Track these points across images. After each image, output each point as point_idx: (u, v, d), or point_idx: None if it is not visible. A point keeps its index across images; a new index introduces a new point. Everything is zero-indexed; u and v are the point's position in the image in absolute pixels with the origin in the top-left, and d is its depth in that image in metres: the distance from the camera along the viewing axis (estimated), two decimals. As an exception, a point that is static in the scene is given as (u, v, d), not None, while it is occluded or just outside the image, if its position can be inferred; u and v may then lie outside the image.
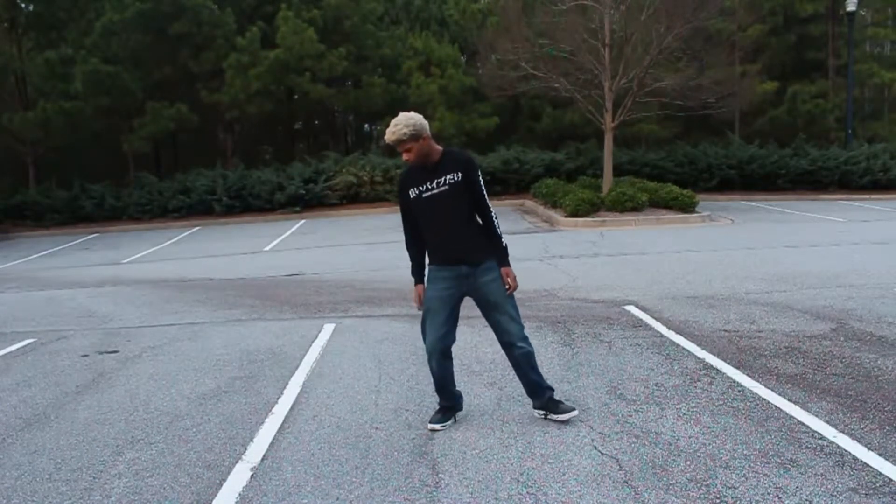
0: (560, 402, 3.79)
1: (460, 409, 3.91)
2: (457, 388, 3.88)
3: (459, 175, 3.53)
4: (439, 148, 3.61)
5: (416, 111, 3.58)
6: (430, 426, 3.74)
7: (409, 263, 3.78)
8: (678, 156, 20.70)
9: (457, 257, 3.59)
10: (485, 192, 3.61)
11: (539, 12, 17.73)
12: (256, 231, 17.09)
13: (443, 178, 3.53)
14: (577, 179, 18.74)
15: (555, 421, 3.74)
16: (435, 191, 3.54)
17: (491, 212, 3.62)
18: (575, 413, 3.73)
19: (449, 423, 3.79)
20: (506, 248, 3.63)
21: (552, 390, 3.82)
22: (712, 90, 16.19)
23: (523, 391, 4.23)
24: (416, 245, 3.73)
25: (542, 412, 3.80)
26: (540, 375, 3.78)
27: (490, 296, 3.60)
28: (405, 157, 3.51)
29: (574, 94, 16.48)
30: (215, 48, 21.31)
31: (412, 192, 3.57)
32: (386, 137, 3.50)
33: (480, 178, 3.61)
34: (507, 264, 3.62)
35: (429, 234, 3.65)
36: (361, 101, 23.21)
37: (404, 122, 3.44)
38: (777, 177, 20.16)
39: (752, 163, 20.24)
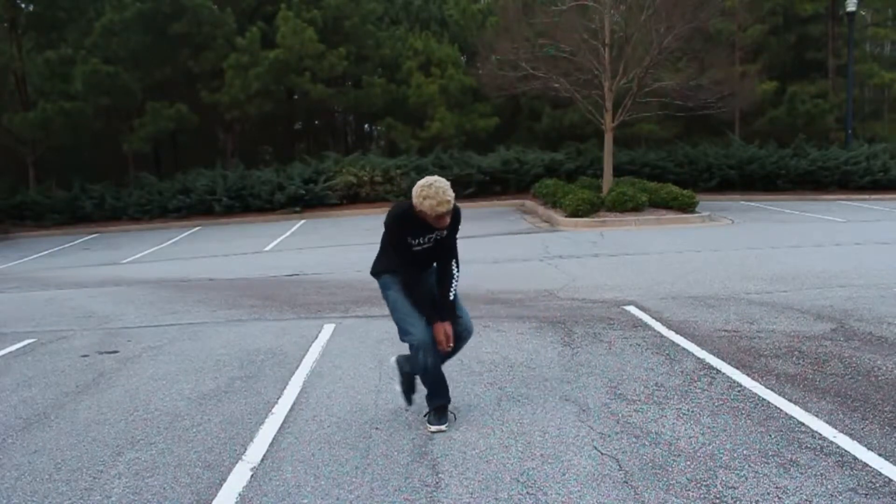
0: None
1: (449, 400, 3.86)
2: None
3: (445, 231, 3.61)
4: None
5: (415, 111, 3.57)
6: (437, 427, 3.70)
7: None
8: (678, 156, 20.72)
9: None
10: (456, 245, 3.72)
11: (539, 12, 17.70)
12: (256, 231, 17.09)
13: (434, 234, 3.60)
14: (577, 179, 18.76)
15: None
16: (426, 245, 3.63)
17: (455, 263, 3.70)
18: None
19: (448, 420, 3.76)
20: (454, 299, 3.69)
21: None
22: (712, 90, 16.18)
23: (523, 391, 4.25)
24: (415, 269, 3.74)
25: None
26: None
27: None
28: (441, 224, 3.51)
29: (574, 94, 16.48)
30: (215, 48, 21.31)
31: (409, 240, 3.60)
32: (439, 209, 3.39)
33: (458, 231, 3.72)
34: (445, 318, 3.65)
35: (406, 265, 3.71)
36: (361, 101, 23.18)
37: (448, 188, 3.43)
38: (777, 177, 20.17)
39: (752, 163, 20.26)
